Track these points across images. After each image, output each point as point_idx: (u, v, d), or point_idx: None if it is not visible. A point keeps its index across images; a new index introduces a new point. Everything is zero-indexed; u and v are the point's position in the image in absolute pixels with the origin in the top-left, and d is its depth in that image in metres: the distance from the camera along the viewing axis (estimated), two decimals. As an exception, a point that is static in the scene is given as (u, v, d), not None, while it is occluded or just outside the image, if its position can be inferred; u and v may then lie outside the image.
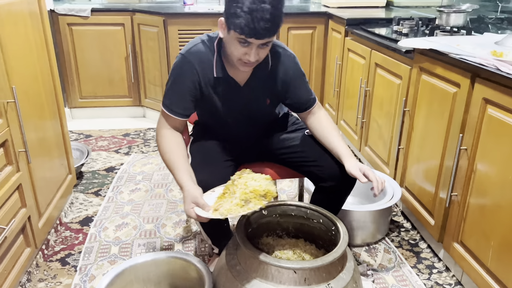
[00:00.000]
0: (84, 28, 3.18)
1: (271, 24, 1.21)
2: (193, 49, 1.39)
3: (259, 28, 1.20)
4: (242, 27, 1.21)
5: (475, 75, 1.48)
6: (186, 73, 1.39)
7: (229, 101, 1.48)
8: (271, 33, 1.24)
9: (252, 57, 1.29)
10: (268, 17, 1.19)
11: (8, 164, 1.49)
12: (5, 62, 1.48)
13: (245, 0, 1.19)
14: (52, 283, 1.65)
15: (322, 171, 1.49)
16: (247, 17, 1.19)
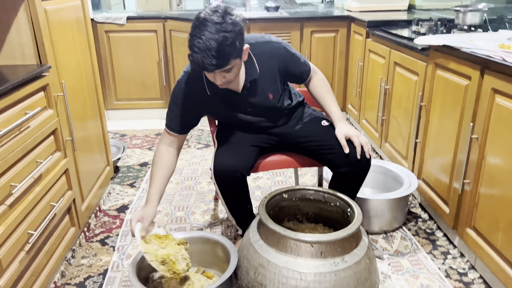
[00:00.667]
0: (120, 35, 3.41)
1: (217, 60, 1.32)
2: (184, 75, 1.58)
3: (207, 65, 1.33)
4: (194, 64, 1.36)
5: (484, 67, 1.57)
6: (180, 96, 1.59)
7: (234, 108, 1.64)
8: (219, 67, 1.35)
9: (218, 81, 1.43)
10: (214, 54, 1.31)
11: (57, 150, 1.67)
12: (56, 60, 1.68)
13: (195, 39, 1.32)
14: (93, 260, 1.83)
15: (338, 158, 1.61)
16: (196, 56, 1.33)
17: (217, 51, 1.31)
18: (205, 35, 1.31)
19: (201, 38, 1.31)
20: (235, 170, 1.54)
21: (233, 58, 1.37)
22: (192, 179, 2.55)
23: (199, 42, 1.31)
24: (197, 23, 1.34)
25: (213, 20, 1.33)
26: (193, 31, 1.34)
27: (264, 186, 2.46)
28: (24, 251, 1.37)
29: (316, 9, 3.85)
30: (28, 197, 1.42)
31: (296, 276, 1.34)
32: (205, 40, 1.31)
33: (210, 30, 1.31)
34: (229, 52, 1.34)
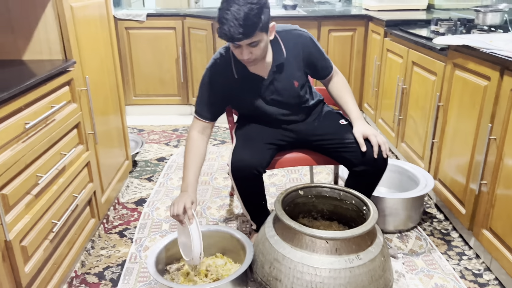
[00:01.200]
0: (140, 31, 3.47)
1: (244, 29, 1.39)
2: (213, 61, 1.64)
3: (234, 34, 1.40)
4: (220, 35, 1.43)
5: (504, 68, 1.57)
6: (209, 83, 1.64)
7: (259, 94, 1.66)
8: (246, 36, 1.42)
9: (244, 56, 1.49)
10: (241, 23, 1.39)
11: (80, 143, 1.72)
12: (80, 55, 1.72)
13: (223, 12, 1.41)
14: (112, 251, 1.88)
15: (354, 156, 1.62)
16: (224, 27, 1.41)
17: (244, 20, 1.39)
18: (232, 7, 1.40)
19: (229, 9, 1.40)
20: (252, 166, 1.56)
21: (259, 30, 1.44)
22: (208, 175, 2.58)
23: (227, 13, 1.40)
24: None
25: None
26: (221, 5, 1.43)
27: (279, 183, 2.48)
28: (48, 239, 1.42)
29: (333, 7, 3.85)
30: (52, 188, 1.46)
31: (311, 271, 1.37)
32: (233, 11, 1.39)
33: (238, 2, 1.40)
34: (255, 22, 1.41)
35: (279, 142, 1.73)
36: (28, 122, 1.30)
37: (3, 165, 1.19)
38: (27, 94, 1.32)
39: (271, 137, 1.71)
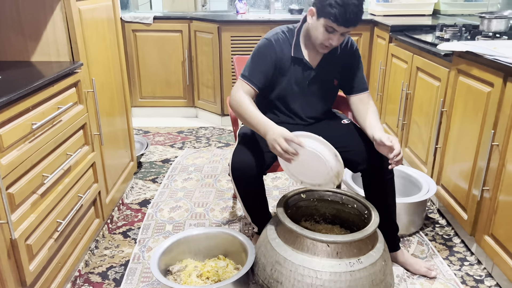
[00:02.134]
0: (147, 34, 3.50)
1: (357, 17, 1.49)
2: (275, 34, 1.66)
3: (349, 19, 1.48)
4: (337, 17, 1.47)
5: (507, 75, 1.57)
6: (266, 51, 1.63)
7: (301, 80, 1.69)
8: (356, 24, 1.51)
9: (335, 42, 1.56)
10: (356, 11, 1.47)
11: (86, 144, 1.75)
12: (87, 57, 1.75)
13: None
14: (116, 251, 1.90)
15: (356, 155, 1.62)
16: (341, 9, 1.46)
17: (360, 9, 1.48)
18: None
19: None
20: (251, 168, 1.56)
21: (359, 22, 1.52)
22: (212, 177, 2.60)
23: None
24: None
25: None
26: None
27: (282, 186, 2.49)
28: (52, 238, 1.44)
29: (339, 12, 3.86)
30: (57, 188, 1.49)
31: (312, 274, 1.38)
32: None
33: None
34: (362, 14, 1.51)
35: None
36: (35, 123, 1.33)
37: (10, 165, 1.21)
38: (35, 95, 1.35)
39: None
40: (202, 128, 3.49)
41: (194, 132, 3.40)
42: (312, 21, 1.58)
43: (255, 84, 1.62)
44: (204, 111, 3.68)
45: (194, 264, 1.67)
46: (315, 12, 1.55)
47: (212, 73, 3.43)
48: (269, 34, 1.67)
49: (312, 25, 1.58)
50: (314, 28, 1.57)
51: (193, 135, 3.34)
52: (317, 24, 1.55)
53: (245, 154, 1.58)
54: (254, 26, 3.25)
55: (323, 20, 1.52)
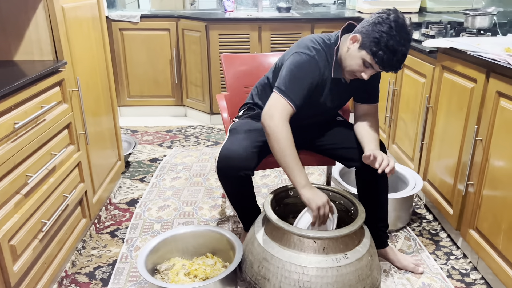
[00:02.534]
0: (134, 32, 3.48)
1: (401, 65, 1.42)
2: (316, 50, 1.52)
3: (394, 67, 1.42)
4: (384, 62, 1.40)
5: (490, 71, 1.59)
6: (309, 69, 1.51)
7: (333, 96, 1.62)
8: (397, 71, 1.45)
9: (367, 76, 1.48)
10: (403, 59, 1.41)
11: (71, 143, 1.73)
12: (71, 56, 1.74)
13: (392, 38, 1.37)
14: (103, 251, 1.89)
15: (352, 151, 1.63)
16: (390, 55, 1.38)
17: (405, 58, 1.41)
18: (403, 39, 1.38)
19: (400, 42, 1.38)
20: (239, 168, 1.51)
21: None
22: (201, 176, 2.60)
23: (401, 45, 1.38)
24: (394, 25, 1.37)
25: (407, 25, 1.40)
26: (392, 32, 1.37)
27: (271, 184, 2.50)
28: (37, 239, 1.42)
29: (327, 10, 3.88)
30: (42, 188, 1.47)
31: (299, 270, 1.38)
32: (402, 43, 1.38)
33: (405, 36, 1.39)
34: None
35: None
36: (18, 122, 1.31)
37: (-8, 165, 1.19)
38: (17, 94, 1.33)
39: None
40: (191, 127, 3.48)
41: (183, 131, 3.39)
42: (352, 48, 1.46)
43: (296, 105, 1.49)
44: (193, 110, 3.67)
45: (182, 263, 1.67)
46: (360, 41, 1.43)
47: (200, 71, 3.42)
48: (310, 49, 1.52)
49: (351, 53, 1.47)
50: (352, 57, 1.47)
51: (182, 134, 3.33)
52: (357, 54, 1.44)
53: (232, 152, 1.52)
54: (242, 24, 3.24)
55: (365, 54, 1.42)
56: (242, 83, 2.07)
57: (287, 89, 1.49)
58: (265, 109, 1.50)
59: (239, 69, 2.09)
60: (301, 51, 1.52)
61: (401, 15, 1.42)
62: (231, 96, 2.05)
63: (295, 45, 1.58)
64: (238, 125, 1.69)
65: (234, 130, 1.66)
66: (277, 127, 1.45)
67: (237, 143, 1.56)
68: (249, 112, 1.78)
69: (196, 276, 1.59)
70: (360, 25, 1.48)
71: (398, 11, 1.43)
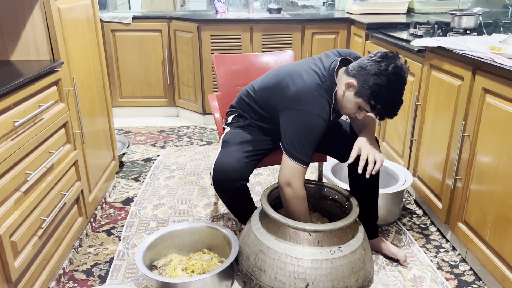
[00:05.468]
0: (126, 34, 3.49)
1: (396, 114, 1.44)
2: (322, 108, 1.50)
3: (392, 116, 1.44)
4: (382, 114, 1.42)
5: (476, 68, 1.65)
6: (320, 130, 1.51)
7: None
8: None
9: (361, 117, 1.51)
10: (399, 108, 1.43)
11: (68, 142, 1.75)
12: (67, 56, 1.76)
13: (391, 92, 1.38)
14: (100, 248, 1.90)
15: (347, 147, 1.67)
16: (389, 108, 1.41)
17: (400, 106, 1.43)
18: (401, 89, 1.40)
19: (399, 92, 1.40)
20: (234, 180, 1.54)
21: None
22: (195, 174, 2.62)
23: (398, 97, 1.40)
24: (393, 78, 1.37)
25: (405, 72, 1.40)
26: (389, 84, 1.37)
27: (264, 182, 2.53)
28: (36, 236, 1.44)
29: (317, 11, 3.94)
30: (41, 185, 1.49)
31: (294, 262, 1.42)
32: (400, 94, 1.40)
33: (402, 85, 1.41)
34: None
35: (268, 146, 1.70)
36: (17, 120, 1.33)
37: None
38: (16, 93, 1.35)
39: (261, 143, 1.67)
40: (184, 127, 3.51)
41: (176, 131, 3.42)
42: (347, 94, 1.47)
43: (309, 163, 1.53)
44: (185, 110, 3.70)
45: (179, 258, 1.70)
46: (356, 87, 1.43)
47: (192, 72, 3.45)
48: (319, 109, 1.48)
49: (347, 98, 1.47)
50: (347, 101, 1.48)
51: (175, 134, 3.35)
52: (353, 99, 1.45)
53: (227, 163, 1.54)
54: (234, 25, 3.28)
55: (361, 101, 1.43)
56: (233, 83, 2.10)
57: (304, 156, 1.49)
58: (282, 176, 1.52)
59: (230, 68, 2.12)
60: (303, 110, 1.48)
61: (399, 63, 1.39)
62: (222, 96, 2.08)
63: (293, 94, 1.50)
64: (229, 137, 1.69)
65: (226, 143, 1.66)
66: (296, 194, 1.51)
67: (230, 156, 1.58)
68: (239, 120, 1.77)
69: (193, 271, 1.62)
70: (355, 68, 1.45)
71: (398, 58, 1.41)
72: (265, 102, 1.64)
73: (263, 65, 2.13)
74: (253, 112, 1.72)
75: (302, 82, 1.51)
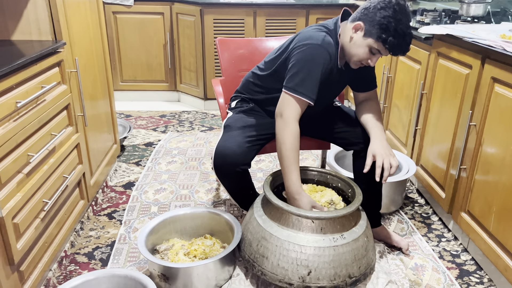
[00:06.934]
0: (127, 16, 3.45)
1: (409, 48, 1.42)
2: (325, 39, 1.48)
3: (405, 50, 1.41)
4: (394, 47, 1.39)
5: (485, 57, 1.63)
6: (322, 60, 1.47)
7: (332, 83, 1.60)
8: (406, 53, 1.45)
9: (374, 63, 1.47)
10: (410, 42, 1.41)
11: (70, 125, 1.73)
12: (69, 37, 1.72)
13: (399, 22, 1.36)
14: (101, 232, 1.90)
15: (351, 135, 1.66)
16: (400, 39, 1.37)
17: (411, 40, 1.41)
18: (408, 21, 1.38)
19: (407, 25, 1.37)
20: (235, 164, 1.52)
21: None
22: (196, 160, 2.61)
23: (406, 27, 1.37)
24: (397, 8, 1.37)
25: (408, 7, 1.39)
26: (398, 16, 1.36)
27: (266, 168, 2.52)
28: (39, 218, 1.43)
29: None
30: (43, 168, 1.48)
31: (297, 249, 1.42)
32: (408, 25, 1.38)
33: (409, 18, 1.39)
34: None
35: (271, 130, 1.64)
36: (20, 101, 1.31)
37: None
38: (18, 73, 1.33)
39: (263, 128, 1.65)
40: (185, 112, 3.48)
41: (177, 116, 3.39)
42: (356, 37, 1.44)
43: (313, 99, 1.48)
44: (186, 95, 3.67)
45: (181, 243, 1.69)
46: (363, 28, 1.42)
47: (194, 56, 3.41)
48: (317, 38, 1.47)
49: (356, 42, 1.44)
50: (357, 45, 1.44)
51: (176, 119, 3.33)
52: (363, 42, 1.42)
53: (228, 148, 1.53)
54: (237, 9, 3.23)
55: (371, 41, 1.40)
56: (237, 68, 2.07)
57: (299, 86, 1.46)
58: (276, 109, 1.51)
59: (235, 53, 2.08)
60: (307, 43, 1.47)
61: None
62: (226, 81, 2.05)
63: (298, 39, 1.52)
64: (232, 121, 1.68)
65: (228, 127, 1.65)
66: (286, 125, 1.47)
67: (231, 140, 1.57)
68: (242, 105, 1.76)
69: (195, 256, 1.62)
70: (359, 12, 1.45)
71: None
72: (273, 69, 1.61)
73: (268, 50, 2.10)
74: (259, 92, 1.70)
75: (306, 33, 1.53)
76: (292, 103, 1.47)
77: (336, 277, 1.43)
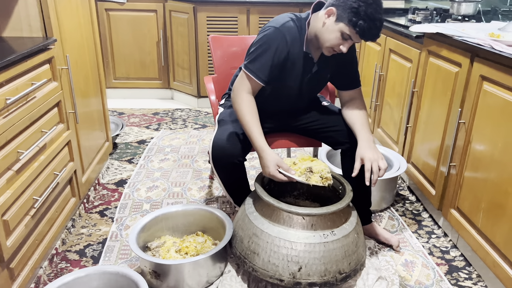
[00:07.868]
0: (120, 13, 3.43)
1: (380, 33, 1.44)
2: (286, 24, 1.52)
3: (374, 35, 1.42)
4: (364, 31, 1.39)
5: (474, 55, 1.64)
6: (277, 43, 1.50)
7: (303, 74, 1.61)
8: (376, 39, 1.45)
9: (346, 49, 1.47)
10: (381, 27, 1.42)
11: (61, 122, 1.73)
12: (60, 34, 1.72)
13: (369, 6, 1.37)
14: (93, 229, 1.90)
15: (339, 134, 1.67)
16: (370, 23, 1.38)
17: (382, 25, 1.42)
18: (379, 7, 1.39)
19: (377, 10, 1.38)
20: (232, 156, 1.56)
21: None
22: (189, 157, 2.61)
23: (376, 12, 1.38)
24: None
25: None
26: (367, 0, 1.37)
27: (258, 166, 2.53)
28: (29, 215, 1.43)
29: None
30: (33, 165, 1.47)
31: (287, 245, 1.42)
32: (379, 11, 1.39)
33: (380, 3, 1.40)
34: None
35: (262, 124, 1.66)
36: (9, 98, 1.31)
37: (-15, 140, 1.19)
38: (8, 70, 1.32)
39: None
40: (178, 110, 3.48)
41: (170, 114, 3.39)
42: (328, 23, 1.45)
43: (262, 80, 1.53)
44: (179, 93, 3.66)
45: (173, 240, 1.70)
46: (335, 13, 1.43)
47: (187, 54, 3.41)
48: (278, 22, 1.52)
49: (328, 27, 1.45)
50: (329, 31, 1.45)
51: (169, 117, 3.32)
52: (334, 27, 1.43)
53: (224, 142, 1.56)
54: (231, 7, 3.23)
55: (343, 26, 1.41)
56: (230, 65, 2.08)
57: (250, 63, 1.53)
58: (233, 86, 1.59)
59: (227, 51, 2.09)
60: (268, 26, 1.54)
61: None
62: (218, 78, 2.06)
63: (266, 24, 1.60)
64: (224, 116, 1.71)
65: (222, 121, 1.68)
66: (236, 101, 1.54)
67: (227, 133, 1.60)
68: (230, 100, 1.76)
69: (187, 253, 1.62)
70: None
71: None
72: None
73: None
74: None
75: (274, 18, 1.58)
76: (243, 79, 1.55)
77: (326, 273, 1.44)
